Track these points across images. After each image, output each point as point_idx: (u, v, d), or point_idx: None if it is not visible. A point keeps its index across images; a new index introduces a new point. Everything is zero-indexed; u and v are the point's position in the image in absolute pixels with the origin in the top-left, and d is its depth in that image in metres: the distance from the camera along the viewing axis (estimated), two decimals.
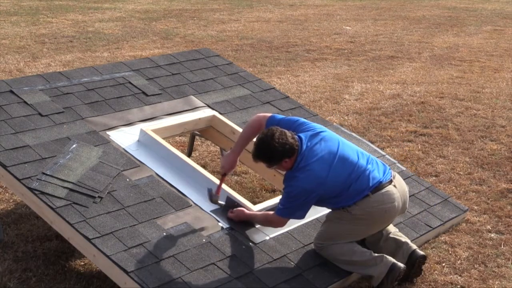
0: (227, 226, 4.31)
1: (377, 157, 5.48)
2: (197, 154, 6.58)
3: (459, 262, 4.67)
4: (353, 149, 4.27)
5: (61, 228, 4.03)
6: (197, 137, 6.43)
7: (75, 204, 4.08)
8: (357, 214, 4.17)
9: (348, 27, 14.91)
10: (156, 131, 4.93)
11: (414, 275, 4.36)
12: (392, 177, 4.28)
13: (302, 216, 4.20)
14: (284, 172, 4.24)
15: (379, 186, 4.17)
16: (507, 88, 9.50)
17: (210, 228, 4.25)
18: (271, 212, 4.27)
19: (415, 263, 4.31)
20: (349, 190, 4.13)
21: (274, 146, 4.03)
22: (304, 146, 4.11)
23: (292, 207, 4.12)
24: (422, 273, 4.46)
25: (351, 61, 11.32)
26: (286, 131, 4.10)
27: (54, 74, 5.42)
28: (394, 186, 4.25)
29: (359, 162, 4.18)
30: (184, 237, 4.10)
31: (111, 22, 14.52)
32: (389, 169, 4.34)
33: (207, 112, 5.44)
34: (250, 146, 5.21)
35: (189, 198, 4.44)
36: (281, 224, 4.25)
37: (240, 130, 5.26)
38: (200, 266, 3.93)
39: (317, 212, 4.56)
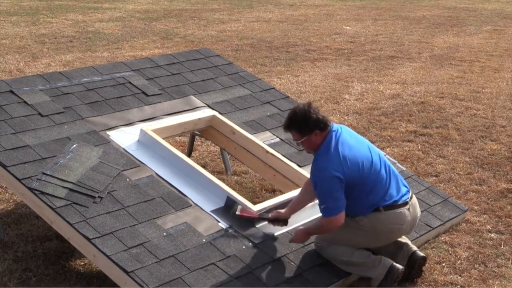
0: (227, 226, 4.31)
1: None
2: (197, 154, 6.58)
3: (459, 262, 4.67)
4: (378, 155, 4.23)
5: (61, 228, 4.03)
6: (197, 137, 6.43)
7: (75, 204, 4.08)
8: (363, 225, 4.13)
9: (348, 27, 14.91)
10: (156, 131, 4.93)
11: (414, 276, 4.36)
12: (408, 199, 4.22)
13: (343, 201, 4.01)
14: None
15: (393, 204, 4.13)
16: (507, 88, 9.51)
17: (210, 228, 4.25)
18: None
19: (415, 264, 4.31)
20: (365, 197, 4.09)
21: (309, 113, 4.09)
22: (336, 129, 4.15)
23: (330, 199, 4.00)
24: (422, 273, 4.46)
25: (351, 61, 11.32)
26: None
27: (54, 74, 5.41)
28: (408, 209, 4.20)
29: (381, 171, 4.15)
30: (184, 237, 4.10)
31: (111, 22, 14.53)
32: (408, 189, 4.28)
33: (207, 112, 5.44)
34: (249, 144, 5.21)
35: (189, 198, 4.43)
36: (336, 222, 4.06)
37: (240, 130, 5.27)
38: (200, 266, 3.93)
39: (317, 212, 4.55)
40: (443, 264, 4.63)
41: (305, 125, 4.09)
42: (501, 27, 15.47)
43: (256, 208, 4.42)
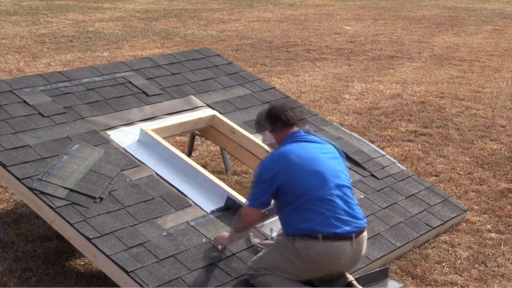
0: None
1: (377, 157, 5.50)
2: (197, 154, 6.58)
3: (459, 262, 4.67)
4: (338, 176, 3.87)
5: (61, 228, 4.03)
6: (197, 137, 6.43)
7: (75, 204, 4.08)
8: (299, 250, 3.73)
9: (348, 27, 14.91)
10: (156, 130, 4.93)
11: None
12: (355, 233, 3.76)
13: (263, 203, 3.85)
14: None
15: (333, 235, 3.71)
16: (507, 88, 9.51)
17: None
18: None
19: None
20: (305, 209, 3.75)
21: (269, 111, 4.04)
22: (298, 135, 3.97)
23: (256, 193, 3.85)
24: (423, 273, 4.46)
25: (351, 61, 11.32)
26: (289, 112, 4.02)
27: (54, 74, 5.41)
28: (351, 245, 3.75)
29: (332, 192, 3.79)
30: (184, 237, 4.10)
31: (111, 22, 14.53)
32: (360, 224, 3.82)
33: (207, 112, 5.44)
34: (253, 148, 5.22)
35: (189, 198, 4.43)
36: (250, 217, 3.89)
37: (240, 129, 5.27)
38: (200, 266, 3.93)
39: None
40: (443, 264, 4.63)
41: (258, 123, 4.11)
42: (501, 27, 15.47)
43: None
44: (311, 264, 3.78)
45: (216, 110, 5.50)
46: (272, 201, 3.93)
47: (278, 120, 4.00)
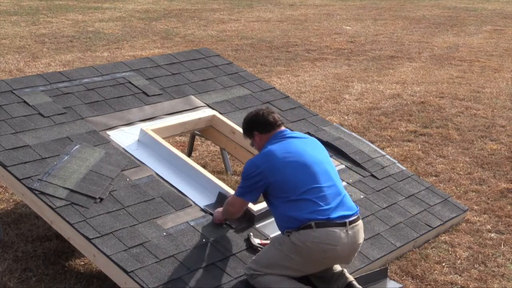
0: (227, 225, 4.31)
1: (377, 157, 5.50)
2: (197, 154, 6.58)
3: (459, 262, 4.67)
4: (326, 170, 3.95)
5: (61, 228, 4.03)
6: (197, 137, 6.43)
7: (75, 204, 4.07)
8: (295, 243, 3.76)
9: (348, 27, 14.91)
10: (156, 130, 4.93)
11: None
12: (349, 221, 3.80)
13: (250, 197, 4.00)
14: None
15: (327, 222, 3.76)
16: (507, 88, 9.51)
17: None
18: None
19: None
20: (297, 203, 3.80)
21: (251, 115, 4.20)
22: (284, 134, 4.08)
23: (243, 187, 4.00)
24: (423, 273, 4.46)
25: (351, 61, 11.32)
26: (275, 114, 4.16)
27: (54, 74, 5.41)
28: (346, 232, 3.78)
29: (322, 184, 3.85)
30: (184, 237, 4.10)
31: (111, 22, 14.53)
32: (354, 213, 3.87)
33: (207, 112, 5.44)
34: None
35: (189, 198, 4.43)
36: (236, 206, 4.10)
37: (240, 129, 5.25)
38: (200, 266, 3.93)
39: None
40: (443, 264, 4.63)
41: (246, 127, 4.21)
42: (501, 27, 15.48)
43: (256, 208, 4.42)
44: (309, 256, 3.80)
45: (216, 110, 5.50)
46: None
47: (267, 122, 4.11)
